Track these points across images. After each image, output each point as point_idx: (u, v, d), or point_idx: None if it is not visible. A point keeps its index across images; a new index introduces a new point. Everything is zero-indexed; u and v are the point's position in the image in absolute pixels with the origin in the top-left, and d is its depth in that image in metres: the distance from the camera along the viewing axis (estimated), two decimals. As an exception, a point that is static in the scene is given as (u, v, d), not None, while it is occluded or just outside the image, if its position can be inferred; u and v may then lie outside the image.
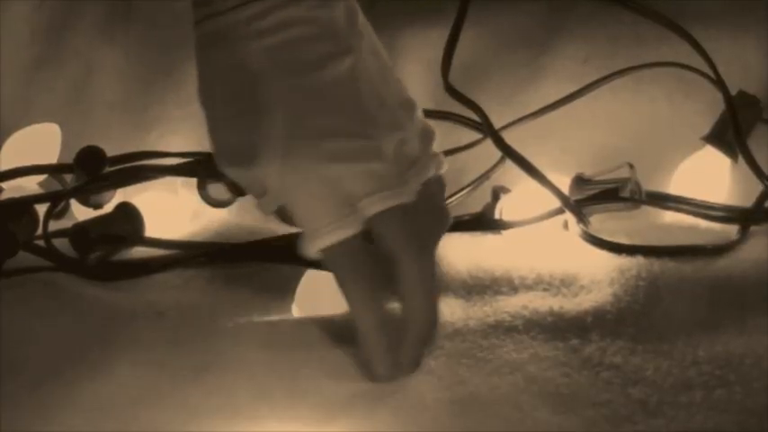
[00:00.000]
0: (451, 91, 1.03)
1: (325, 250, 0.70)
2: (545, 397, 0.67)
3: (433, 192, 0.74)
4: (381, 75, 0.72)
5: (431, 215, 0.74)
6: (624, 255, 0.91)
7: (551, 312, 0.80)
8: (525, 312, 0.80)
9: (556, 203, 0.97)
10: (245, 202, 0.99)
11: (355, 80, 0.70)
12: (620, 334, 0.75)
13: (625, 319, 0.79)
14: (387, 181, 0.70)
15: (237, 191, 0.96)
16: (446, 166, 0.76)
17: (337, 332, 0.77)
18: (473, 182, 1.02)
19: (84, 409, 0.68)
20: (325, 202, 0.69)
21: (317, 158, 0.69)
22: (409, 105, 0.74)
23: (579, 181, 0.98)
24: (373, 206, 0.70)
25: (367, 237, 0.71)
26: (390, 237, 0.70)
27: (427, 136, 0.74)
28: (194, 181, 0.99)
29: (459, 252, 0.94)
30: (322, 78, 0.69)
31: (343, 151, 0.69)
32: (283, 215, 0.72)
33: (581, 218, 0.96)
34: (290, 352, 0.74)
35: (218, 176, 0.91)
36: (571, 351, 0.73)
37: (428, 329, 0.72)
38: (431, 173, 0.73)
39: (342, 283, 0.70)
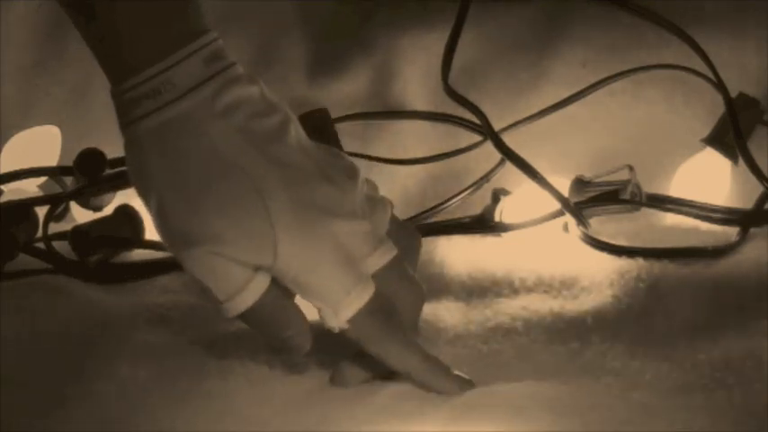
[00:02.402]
0: (451, 93, 1.03)
1: (352, 319, 0.68)
2: (546, 402, 0.66)
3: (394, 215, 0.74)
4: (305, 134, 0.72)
5: (406, 240, 0.73)
6: (624, 257, 0.91)
7: (551, 315, 0.80)
8: (525, 314, 0.80)
9: (556, 206, 0.97)
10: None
11: (301, 142, 0.69)
12: (620, 336, 0.75)
13: (625, 322, 0.79)
14: (370, 240, 0.69)
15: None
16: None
17: (338, 336, 0.77)
18: (473, 184, 1.02)
19: (85, 410, 0.68)
20: (340, 269, 0.67)
21: (325, 223, 0.67)
22: (338, 153, 0.72)
23: (579, 183, 0.98)
24: (375, 262, 0.69)
25: None
26: (388, 291, 0.69)
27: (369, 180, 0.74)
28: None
29: (460, 254, 0.94)
30: (289, 144, 0.68)
31: (338, 208, 0.68)
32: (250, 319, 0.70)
33: (581, 220, 0.96)
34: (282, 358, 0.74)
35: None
36: (570, 356, 0.73)
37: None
38: (391, 207, 0.72)
39: (376, 344, 0.69)
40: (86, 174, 0.99)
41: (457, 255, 0.94)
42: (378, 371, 0.71)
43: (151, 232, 1.00)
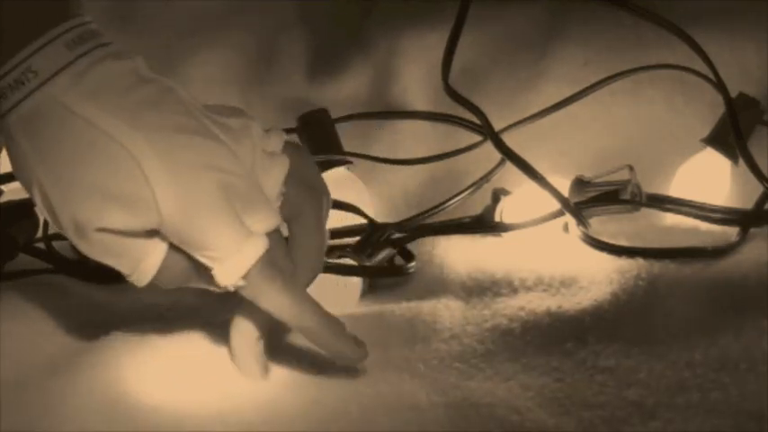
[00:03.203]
0: (452, 93, 1.03)
1: (246, 276, 0.68)
2: (541, 401, 0.66)
3: (300, 174, 0.73)
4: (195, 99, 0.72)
5: (307, 203, 0.73)
6: (624, 257, 0.91)
7: (549, 314, 0.80)
8: (522, 314, 0.80)
9: (556, 206, 0.97)
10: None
11: (188, 106, 0.69)
12: (616, 335, 0.75)
13: (623, 320, 0.79)
14: (255, 198, 0.69)
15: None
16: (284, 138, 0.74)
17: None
18: (473, 184, 1.02)
19: (84, 409, 0.68)
20: (227, 226, 0.67)
21: (207, 178, 0.67)
22: (238, 111, 0.73)
23: (579, 183, 0.98)
24: (265, 218, 0.69)
25: None
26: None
27: (271, 131, 0.74)
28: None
29: (460, 254, 0.94)
30: (166, 111, 0.68)
31: (222, 165, 0.68)
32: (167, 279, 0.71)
33: (581, 220, 0.96)
34: (288, 353, 0.74)
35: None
36: (564, 355, 0.73)
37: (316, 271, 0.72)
38: (287, 166, 0.72)
39: (274, 300, 0.69)
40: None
41: (457, 255, 0.94)
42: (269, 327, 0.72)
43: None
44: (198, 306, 0.86)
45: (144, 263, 0.69)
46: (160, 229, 0.68)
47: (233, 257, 0.68)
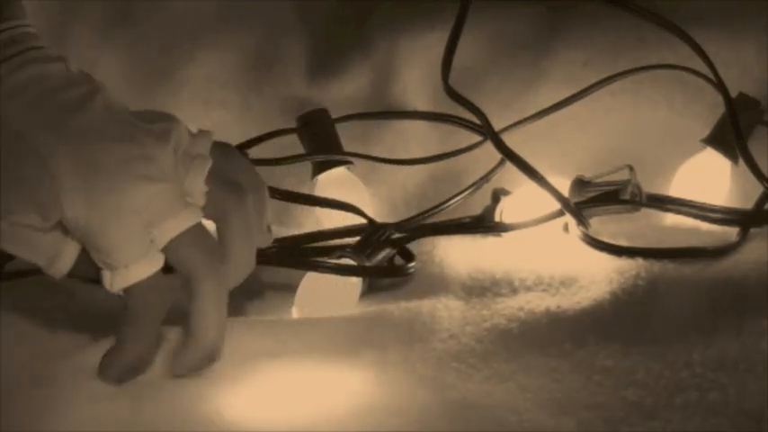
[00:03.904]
0: (451, 93, 1.03)
1: (128, 290, 0.70)
2: (539, 401, 0.67)
3: (224, 174, 0.74)
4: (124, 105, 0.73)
5: (230, 201, 0.73)
6: (624, 257, 0.91)
7: (548, 313, 0.80)
8: (522, 315, 0.80)
9: (556, 206, 0.97)
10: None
11: (112, 110, 0.71)
12: (615, 335, 0.75)
13: (623, 321, 0.79)
14: (173, 203, 0.70)
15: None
16: (213, 135, 0.75)
17: (337, 333, 0.77)
18: (473, 184, 1.02)
19: (84, 409, 0.68)
20: (126, 238, 0.69)
21: (113, 183, 0.69)
22: (165, 116, 0.74)
23: (579, 183, 0.98)
24: (165, 235, 0.70)
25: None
26: (184, 262, 0.71)
27: (201, 133, 0.75)
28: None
29: (460, 254, 0.94)
30: (87, 115, 0.70)
31: (134, 170, 0.69)
32: (80, 271, 0.72)
33: (581, 220, 0.96)
34: (289, 354, 0.74)
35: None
36: (562, 355, 0.73)
37: (213, 351, 0.72)
38: (208, 165, 0.73)
39: (134, 316, 0.71)
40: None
41: (457, 255, 0.94)
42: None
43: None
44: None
45: (59, 259, 0.71)
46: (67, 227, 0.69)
47: (121, 270, 0.70)
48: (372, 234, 0.90)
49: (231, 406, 0.68)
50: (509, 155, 0.99)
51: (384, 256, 0.89)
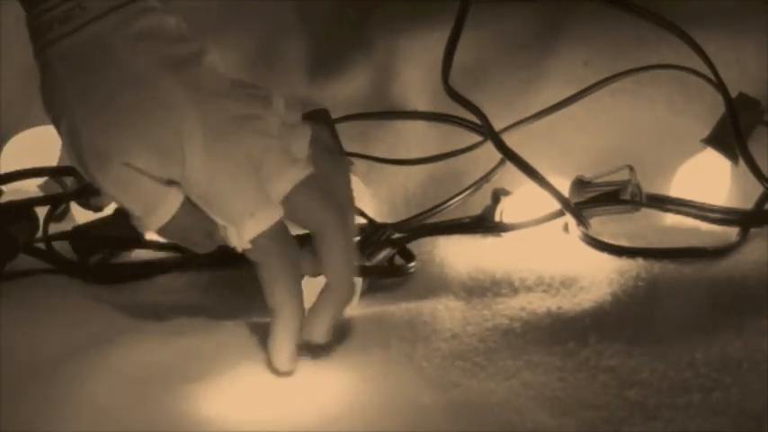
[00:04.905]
0: (452, 93, 1.03)
1: (254, 240, 0.70)
2: (542, 401, 0.67)
3: (323, 141, 0.75)
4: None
5: (331, 165, 0.74)
6: (624, 257, 0.91)
7: (549, 314, 0.80)
8: (523, 315, 0.80)
9: (556, 206, 0.97)
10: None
11: (219, 71, 0.72)
12: (617, 336, 0.75)
13: (624, 321, 0.79)
14: (285, 158, 0.71)
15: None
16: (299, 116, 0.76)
17: (336, 335, 0.77)
18: (473, 184, 1.02)
19: (84, 409, 0.68)
20: (247, 188, 0.70)
21: (233, 137, 0.70)
22: (261, 86, 0.75)
23: (579, 183, 0.98)
24: (282, 186, 0.71)
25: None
26: (306, 212, 0.71)
27: (290, 104, 0.75)
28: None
29: (460, 254, 0.94)
30: (203, 70, 0.71)
31: (248, 126, 0.70)
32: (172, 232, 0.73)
33: (581, 220, 0.96)
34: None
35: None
36: (567, 355, 0.73)
37: (347, 298, 0.73)
38: (309, 132, 0.74)
39: (269, 270, 0.71)
40: (87, 174, 0.99)
41: (457, 255, 0.94)
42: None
43: (151, 232, 1.00)
44: (199, 306, 0.86)
45: (157, 212, 0.71)
46: (181, 182, 0.70)
47: (245, 221, 0.70)
48: (372, 234, 0.90)
49: (233, 406, 0.68)
50: (509, 155, 0.98)
51: (384, 256, 0.89)
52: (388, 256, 0.90)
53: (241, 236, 0.70)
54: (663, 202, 1.00)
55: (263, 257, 0.71)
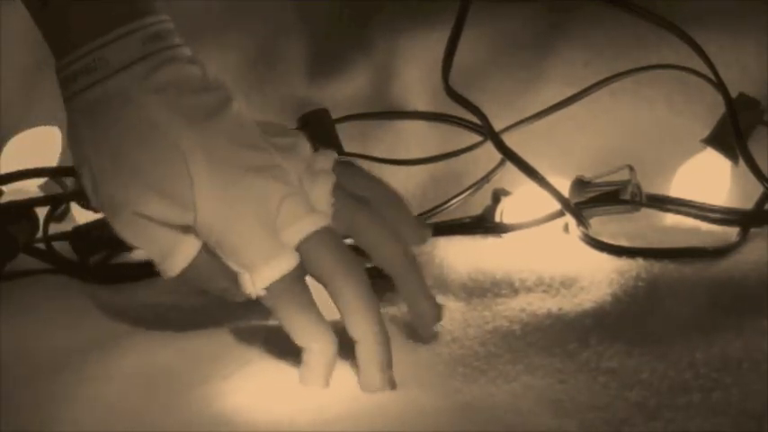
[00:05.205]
0: (452, 93, 1.03)
1: (268, 287, 0.70)
2: (543, 402, 0.67)
3: (352, 182, 0.75)
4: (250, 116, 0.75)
5: (355, 212, 0.74)
6: (624, 257, 0.91)
7: (549, 315, 0.80)
8: (523, 316, 0.80)
9: (556, 206, 0.97)
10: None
11: (244, 119, 0.72)
12: (618, 336, 0.75)
13: (624, 321, 0.79)
14: (303, 207, 0.71)
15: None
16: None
17: (338, 335, 0.77)
18: (473, 184, 1.02)
19: (85, 410, 0.68)
20: (261, 235, 0.70)
21: (247, 184, 0.70)
22: (289, 131, 0.75)
23: (579, 183, 0.98)
24: (294, 235, 0.71)
25: None
26: (316, 266, 0.71)
27: (325, 154, 0.75)
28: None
29: (460, 255, 0.94)
30: (223, 121, 0.71)
31: (265, 173, 0.71)
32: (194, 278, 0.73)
33: (581, 220, 0.96)
34: (290, 357, 0.74)
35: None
36: (567, 356, 0.73)
37: (379, 346, 0.71)
38: (332, 180, 0.74)
39: (286, 313, 0.71)
40: (87, 174, 0.99)
41: (457, 255, 0.94)
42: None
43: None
44: (199, 307, 0.86)
45: (174, 258, 0.71)
46: (195, 228, 0.70)
47: (260, 267, 0.70)
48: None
49: (233, 406, 0.68)
50: (509, 155, 0.98)
51: (384, 256, 0.89)
52: (389, 257, 0.90)
53: (254, 282, 0.70)
54: (663, 202, 1.00)
55: (278, 303, 0.71)
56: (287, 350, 0.75)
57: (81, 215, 1.03)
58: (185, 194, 0.69)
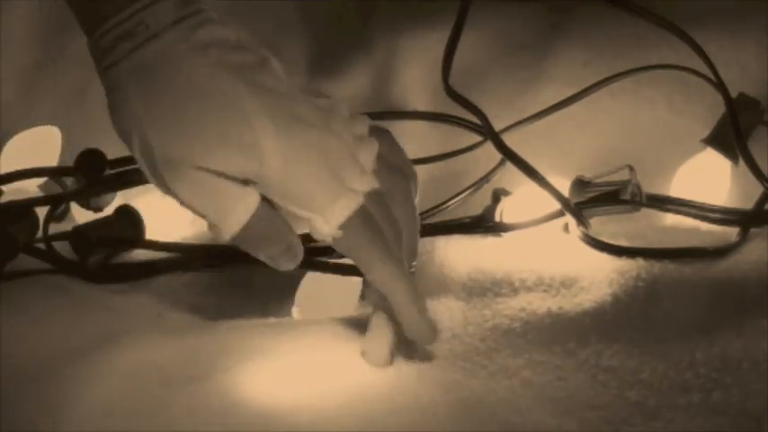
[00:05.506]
0: (452, 93, 1.03)
1: (344, 224, 0.71)
2: (542, 400, 0.67)
3: (390, 152, 0.75)
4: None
5: (393, 184, 0.75)
6: (624, 257, 0.91)
7: (549, 314, 0.80)
8: (523, 315, 0.80)
9: (556, 206, 0.97)
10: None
11: (282, 76, 0.73)
12: (618, 336, 0.75)
13: (624, 321, 0.79)
14: (356, 165, 0.72)
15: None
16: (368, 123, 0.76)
17: (337, 335, 0.77)
18: (473, 184, 1.02)
19: (84, 409, 0.68)
20: (326, 176, 0.70)
21: (309, 133, 0.70)
22: (324, 93, 0.75)
23: (579, 183, 0.98)
24: (359, 186, 0.71)
25: None
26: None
27: (360, 119, 0.76)
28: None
29: (460, 254, 0.94)
30: (270, 76, 0.71)
31: (322, 124, 0.71)
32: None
33: (581, 220, 0.96)
34: (290, 355, 0.74)
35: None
36: (567, 355, 0.73)
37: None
38: (376, 147, 0.74)
39: (367, 252, 0.71)
40: (87, 174, 0.99)
41: (457, 255, 0.94)
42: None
43: (151, 232, 1.01)
44: (199, 306, 0.86)
45: (236, 212, 0.71)
46: (257, 180, 0.70)
47: (331, 207, 0.70)
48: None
49: (232, 406, 0.68)
50: (509, 155, 0.98)
51: (384, 256, 0.89)
52: (389, 257, 0.90)
53: (329, 223, 0.71)
54: (663, 202, 1.00)
55: (357, 242, 0.71)
56: (287, 348, 0.75)
57: (81, 215, 1.03)
58: (250, 143, 0.69)
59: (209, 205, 0.71)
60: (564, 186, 0.98)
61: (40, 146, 1.11)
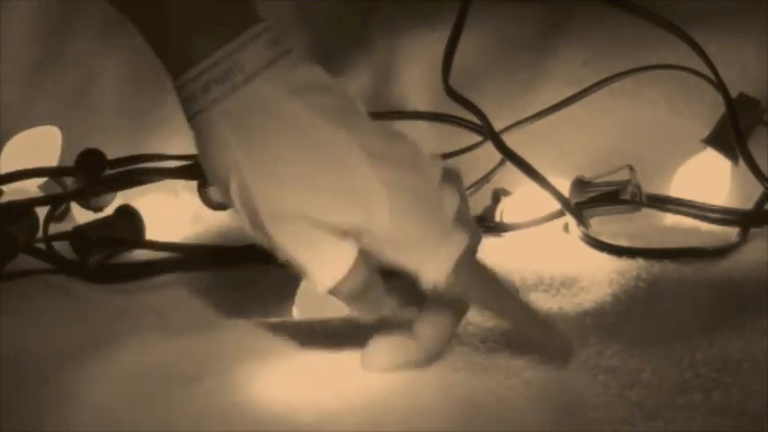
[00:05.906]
0: (452, 93, 1.03)
1: (456, 267, 0.69)
2: (543, 400, 0.67)
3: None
4: None
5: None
6: (625, 257, 0.91)
7: (550, 314, 0.80)
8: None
9: (556, 206, 0.97)
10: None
11: (365, 112, 0.71)
12: (618, 336, 0.75)
13: (624, 321, 0.79)
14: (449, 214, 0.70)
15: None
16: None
17: (337, 335, 0.77)
18: (473, 184, 1.02)
19: (84, 409, 0.68)
20: (432, 221, 0.69)
21: (410, 176, 0.69)
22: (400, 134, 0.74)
23: (579, 183, 0.98)
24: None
25: None
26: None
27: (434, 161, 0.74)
28: (195, 184, 1.00)
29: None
30: (361, 119, 0.70)
31: (418, 165, 0.70)
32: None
33: (581, 220, 0.96)
34: (290, 355, 0.74)
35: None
36: (566, 354, 0.74)
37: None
38: (458, 201, 0.72)
39: (483, 290, 0.71)
40: (87, 174, 0.99)
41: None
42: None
43: (151, 232, 1.01)
44: (199, 306, 0.86)
45: (335, 261, 0.69)
46: (365, 230, 0.68)
47: (440, 251, 0.68)
48: (373, 234, 0.90)
49: (232, 406, 0.68)
50: (509, 155, 0.99)
51: (384, 256, 0.89)
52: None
53: (441, 269, 0.69)
54: (663, 202, 1.00)
55: (472, 280, 0.70)
56: (287, 348, 0.75)
57: (81, 215, 1.03)
58: (357, 192, 0.67)
59: (309, 255, 0.69)
60: (564, 186, 0.98)
61: (40, 146, 1.11)
